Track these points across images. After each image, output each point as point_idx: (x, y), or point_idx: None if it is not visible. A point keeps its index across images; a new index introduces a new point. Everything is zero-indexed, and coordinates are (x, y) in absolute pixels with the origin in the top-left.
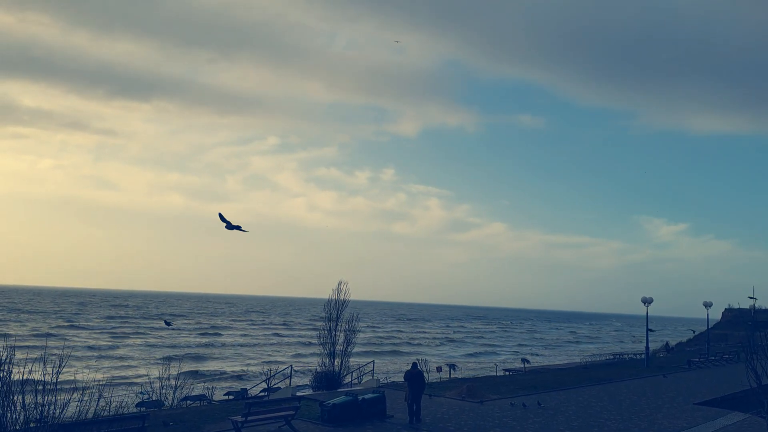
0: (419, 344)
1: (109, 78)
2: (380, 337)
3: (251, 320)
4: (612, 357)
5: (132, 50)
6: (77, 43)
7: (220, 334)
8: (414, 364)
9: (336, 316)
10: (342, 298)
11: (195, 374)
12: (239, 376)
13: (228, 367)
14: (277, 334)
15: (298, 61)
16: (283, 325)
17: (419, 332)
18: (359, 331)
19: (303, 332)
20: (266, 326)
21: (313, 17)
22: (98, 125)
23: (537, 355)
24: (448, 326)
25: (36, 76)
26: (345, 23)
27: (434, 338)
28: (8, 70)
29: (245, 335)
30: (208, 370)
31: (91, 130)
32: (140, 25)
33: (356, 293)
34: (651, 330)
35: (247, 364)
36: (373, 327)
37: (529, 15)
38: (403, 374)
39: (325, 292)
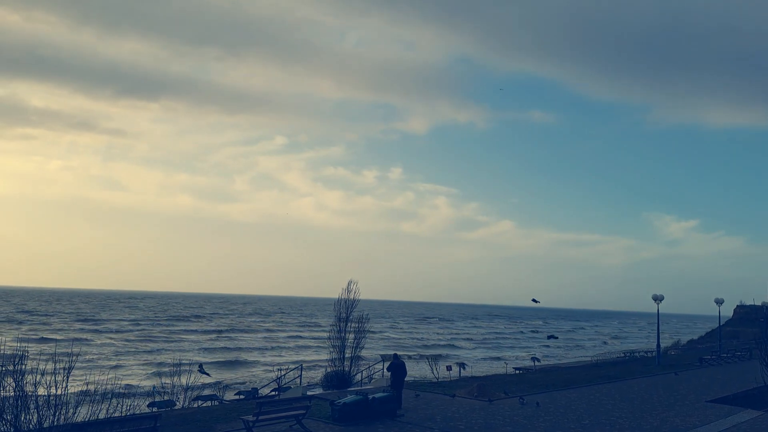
0: (452, 346)
1: (117, 77)
2: (412, 339)
3: (259, 320)
4: (623, 355)
5: (139, 49)
6: (84, 42)
7: (230, 336)
8: (395, 356)
9: (346, 316)
10: (352, 297)
11: (206, 374)
12: (250, 376)
13: (238, 367)
14: (291, 336)
15: (307, 58)
16: (296, 325)
17: (448, 333)
18: (381, 331)
19: (315, 333)
20: (277, 326)
21: (322, 13)
22: (106, 125)
23: (548, 356)
24: (474, 326)
25: (43, 76)
26: (354, 19)
27: (468, 339)
28: (15, 69)
29: (254, 335)
30: (218, 372)
31: (99, 131)
32: (147, 23)
33: (365, 293)
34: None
35: (257, 364)
36: (399, 328)
37: (539, 8)
38: (387, 365)
39: (333, 291)
